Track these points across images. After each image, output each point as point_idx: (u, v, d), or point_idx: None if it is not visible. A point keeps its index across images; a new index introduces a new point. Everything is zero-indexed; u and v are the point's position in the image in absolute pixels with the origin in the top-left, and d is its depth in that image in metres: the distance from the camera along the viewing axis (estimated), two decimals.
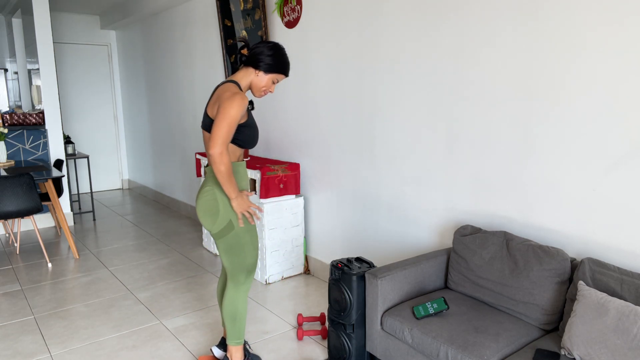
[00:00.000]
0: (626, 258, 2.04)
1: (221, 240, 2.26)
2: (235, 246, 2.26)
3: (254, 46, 2.23)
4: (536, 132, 2.29)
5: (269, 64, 2.20)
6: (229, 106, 2.05)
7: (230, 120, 2.05)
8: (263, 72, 2.22)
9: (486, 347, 1.91)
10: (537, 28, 2.23)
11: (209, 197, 2.22)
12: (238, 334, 2.38)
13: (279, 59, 2.21)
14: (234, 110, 2.05)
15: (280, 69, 2.23)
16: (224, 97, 2.09)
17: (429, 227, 2.89)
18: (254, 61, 2.20)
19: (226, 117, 2.04)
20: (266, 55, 2.19)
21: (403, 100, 2.93)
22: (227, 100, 2.06)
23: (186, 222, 5.59)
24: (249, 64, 2.22)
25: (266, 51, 2.19)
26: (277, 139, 4.09)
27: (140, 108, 6.88)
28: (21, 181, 3.93)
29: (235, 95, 2.08)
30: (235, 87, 2.16)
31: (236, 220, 2.22)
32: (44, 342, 2.84)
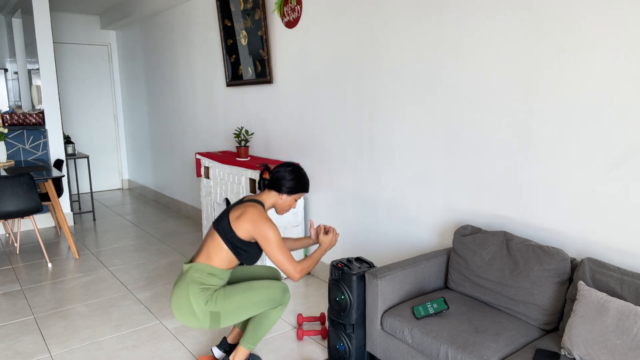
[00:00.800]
0: (626, 258, 2.04)
1: (225, 320, 2.26)
2: (240, 308, 2.26)
3: (274, 170, 2.38)
4: (536, 132, 2.29)
5: (291, 187, 2.36)
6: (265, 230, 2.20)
7: (275, 242, 2.21)
8: (286, 195, 2.37)
9: (486, 347, 1.91)
10: (537, 28, 2.23)
11: (182, 298, 2.23)
12: (255, 340, 2.39)
13: (300, 180, 2.38)
14: (271, 231, 2.21)
15: (302, 189, 2.40)
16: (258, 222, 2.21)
17: (429, 227, 2.89)
18: (277, 186, 2.36)
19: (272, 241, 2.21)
20: (288, 180, 2.35)
21: (403, 100, 2.93)
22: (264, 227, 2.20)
23: (186, 222, 5.59)
24: (272, 188, 2.37)
25: (287, 176, 2.35)
26: (277, 139, 4.09)
27: (140, 108, 6.88)
28: (21, 181, 3.93)
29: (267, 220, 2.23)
30: (261, 209, 2.28)
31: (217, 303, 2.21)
32: (44, 342, 2.84)
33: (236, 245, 2.24)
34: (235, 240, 2.23)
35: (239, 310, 2.25)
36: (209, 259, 2.26)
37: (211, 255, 2.25)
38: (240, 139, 4.10)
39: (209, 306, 2.20)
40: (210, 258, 2.25)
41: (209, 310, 2.20)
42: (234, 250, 2.25)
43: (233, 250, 2.25)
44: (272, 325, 2.37)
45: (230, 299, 2.23)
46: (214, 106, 5.01)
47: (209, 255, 2.26)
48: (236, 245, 2.24)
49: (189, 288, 2.21)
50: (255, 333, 2.37)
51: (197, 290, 2.21)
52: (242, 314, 2.26)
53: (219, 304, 2.21)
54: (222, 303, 2.22)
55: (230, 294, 2.25)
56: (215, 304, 2.21)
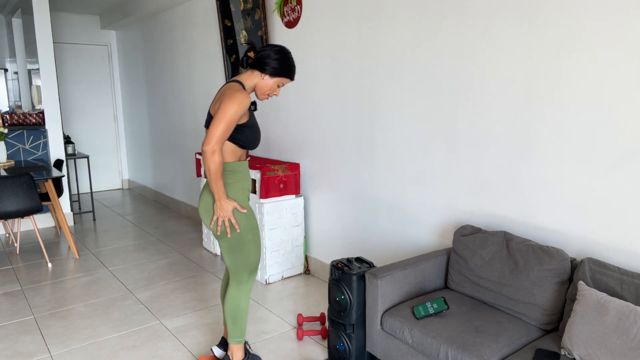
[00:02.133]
0: (626, 258, 2.04)
1: (223, 240, 2.26)
2: (237, 245, 2.26)
3: (260, 49, 2.22)
4: (536, 132, 2.29)
5: (275, 68, 2.19)
6: (229, 103, 2.04)
7: (228, 118, 2.04)
8: (269, 76, 2.21)
9: (486, 347, 1.91)
10: (537, 28, 2.23)
11: (210, 197, 2.23)
12: (239, 332, 2.38)
13: (285, 62, 2.20)
14: (234, 109, 2.04)
15: (286, 72, 2.22)
16: (226, 95, 2.08)
17: (429, 227, 2.89)
18: (260, 64, 2.19)
19: (225, 115, 2.04)
20: (273, 59, 2.18)
21: (403, 100, 2.93)
22: (228, 98, 2.06)
23: (186, 222, 5.59)
24: (255, 67, 2.21)
25: (273, 55, 2.18)
26: (277, 139, 4.09)
27: (140, 108, 6.88)
28: (21, 181, 3.93)
29: (237, 92, 2.08)
30: (238, 86, 2.15)
31: (239, 218, 2.22)
32: (44, 342, 2.84)
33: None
34: None
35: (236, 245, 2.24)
36: None
37: None
38: None
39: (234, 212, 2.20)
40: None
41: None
42: (230, 139, 2.18)
43: (229, 139, 2.17)
44: (245, 312, 2.36)
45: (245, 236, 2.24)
46: None
47: None
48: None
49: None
50: (234, 327, 2.37)
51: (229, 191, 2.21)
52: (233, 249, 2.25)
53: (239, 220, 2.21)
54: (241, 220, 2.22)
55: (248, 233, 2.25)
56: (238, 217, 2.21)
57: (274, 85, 2.23)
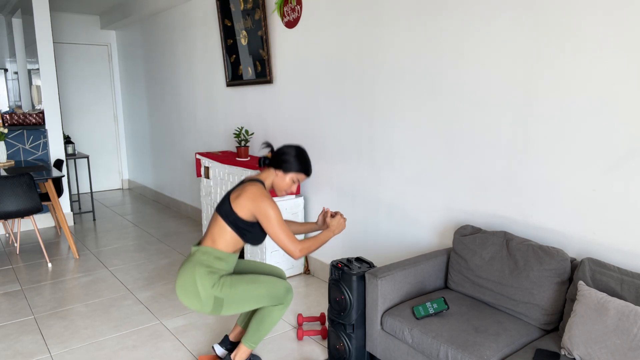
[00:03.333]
0: (626, 258, 2.04)
1: (227, 308, 2.25)
2: (244, 299, 2.26)
3: (278, 149, 2.35)
4: (536, 132, 2.29)
5: (292, 165, 2.31)
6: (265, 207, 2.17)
7: (276, 220, 2.17)
8: (282, 172, 2.32)
9: (486, 347, 1.91)
10: (537, 28, 2.23)
11: (187, 279, 2.22)
12: (257, 338, 2.39)
13: (301, 159, 2.33)
14: (271, 208, 2.17)
15: (303, 169, 2.33)
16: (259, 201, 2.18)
17: (429, 227, 2.89)
18: (277, 163, 2.32)
19: (272, 219, 2.17)
20: (290, 157, 2.31)
21: (403, 100, 2.93)
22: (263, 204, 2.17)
23: (186, 222, 5.59)
24: (272, 165, 2.34)
25: (290, 152, 2.32)
26: (277, 139, 4.09)
27: (140, 108, 6.88)
28: (21, 181, 3.93)
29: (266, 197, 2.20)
30: (262, 187, 2.26)
31: (223, 289, 2.21)
32: (44, 342, 2.84)
33: (239, 225, 2.23)
34: (237, 221, 2.22)
35: (242, 300, 2.24)
36: (214, 242, 2.25)
37: (216, 239, 2.25)
38: (240, 139, 4.09)
39: (215, 291, 2.20)
40: (216, 242, 2.25)
41: (214, 294, 2.20)
42: (237, 232, 2.23)
43: (237, 231, 2.23)
44: (274, 324, 2.37)
45: (236, 288, 2.23)
46: (214, 106, 5.01)
47: (214, 239, 2.26)
48: (239, 226, 2.23)
49: (195, 270, 2.21)
50: (257, 331, 2.37)
51: (204, 273, 2.21)
52: (244, 304, 2.26)
53: (224, 291, 2.21)
54: (227, 290, 2.22)
55: (236, 283, 2.24)
56: (221, 290, 2.21)
57: (290, 181, 2.34)
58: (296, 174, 2.32)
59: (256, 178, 2.32)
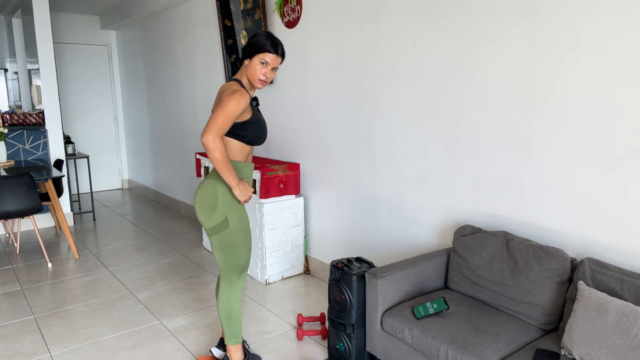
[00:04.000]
0: (626, 258, 2.04)
1: (215, 237, 2.26)
2: (229, 244, 2.26)
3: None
4: (536, 132, 2.29)
5: (248, 47, 2.18)
6: (228, 99, 2.08)
7: (227, 112, 2.06)
8: (248, 59, 2.19)
9: (486, 347, 1.91)
10: (537, 28, 2.23)
11: (209, 190, 2.22)
12: (235, 332, 2.39)
13: (253, 39, 2.18)
14: (233, 104, 2.07)
15: (257, 48, 2.15)
16: (225, 94, 2.12)
17: (429, 227, 2.89)
18: (244, 51, 2.21)
19: (223, 109, 2.06)
20: (251, 40, 2.19)
21: (403, 100, 2.93)
22: (227, 96, 2.09)
23: (186, 222, 5.59)
24: (242, 57, 2.25)
25: (252, 36, 2.21)
26: (277, 139, 4.09)
27: (140, 108, 6.88)
28: (21, 181, 3.93)
29: (235, 91, 2.11)
30: (236, 85, 2.18)
31: (232, 217, 2.23)
32: (44, 342, 2.84)
33: (232, 132, 2.19)
34: (230, 128, 2.18)
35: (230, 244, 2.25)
36: None
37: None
38: None
39: (230, 211, 2.21)
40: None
41: (227, 215, 2.21)
42: (235, 137, 2.20)
43: (234, 137, 2.20)
44: (239, 311, 2.37)
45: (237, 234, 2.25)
46: None
47: None
48: (233, 133, 2.19)
49: (217, 184, 2.21)
50: (230, 326, 2.37)
51: (226, 189, 2.21)
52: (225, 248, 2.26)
53: (232, 222, 2.23)
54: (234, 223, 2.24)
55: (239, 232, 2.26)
56: (232, 218, 2.22)
57: (257, 66, 2.16)
58: (259, 55, 2.15)
59: (232, 78, 2.26)
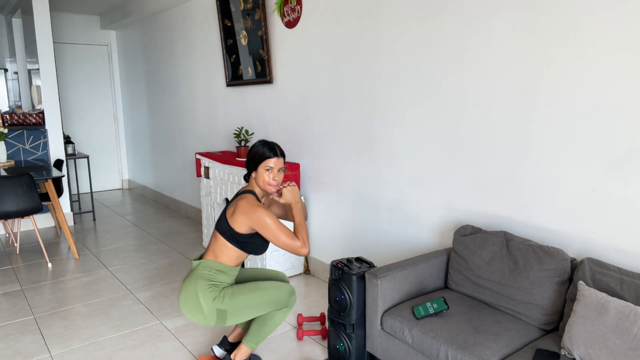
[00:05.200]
0: (626, 258, 2.04)
1: (231, 319, 2.26)
2: (247, 308, 2.27)
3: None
4: (536, 132, 2.29)
5: (249, 162, 2.31)
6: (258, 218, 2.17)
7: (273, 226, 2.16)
8: (254, 172, 2.31)
9: (486, 347, 1.91)
10: (537, 28, 2.23)
11: (190, 293, 2.23)
12: (258, 339, 2.40)
13: (251, 152, 2.31)
14: (266, 217, 2.17)
15: (258, 158, 2.28)
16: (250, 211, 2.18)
17: (429, 227, 2.89)
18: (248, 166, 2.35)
19: (269, 227, 2.16)
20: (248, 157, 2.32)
21: (403, 100, 2.93)
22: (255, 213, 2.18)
23: (186, 222, 5.59)
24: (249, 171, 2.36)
25: (251, 149, 2.33)
26: (277, 138, 4.09)
27: (140, 108, 6.88)
28: (21, 181, 3.92)
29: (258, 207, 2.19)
30: (254, 199, 2.25)
31: (223, 302, 2.22)
32: (44, 342, 2.84)
33: (239, 240, 2.25)
34: (237, 236, 2.24)
35: (245, 309, 2.25)
36: (216, 256, 2.28)
37: (218, 254, 2.28)
38: (240, 139, 4.09)
39: (217, 303, 2.21)
40: (218, 256, 2.28)
41: (216, 307, 2.21)
42: (238, 246, 2.26)
43: (238, 245, 2.26)
44: (276, 326, 2.38)
45: (238, 298, 2.24)
46: (214, 106, 5.01)
47: (216, 254, 2.28)
48: (239, 241, 2.25)
49: (197, 284, 2.22)
50: (258, 333, 2.38)
51: (205, 287, 2.22)
52: (248, 313, 2.27)
53: (226, 302, 2.22)
54: (229, 301, 2.23)
55: (237, 293, 2.25)
56: (223, 301, 2.22)
57: (264, 175, 2.28)
58: (262, 164, 2.28)
59: (246, 190, 2.34)
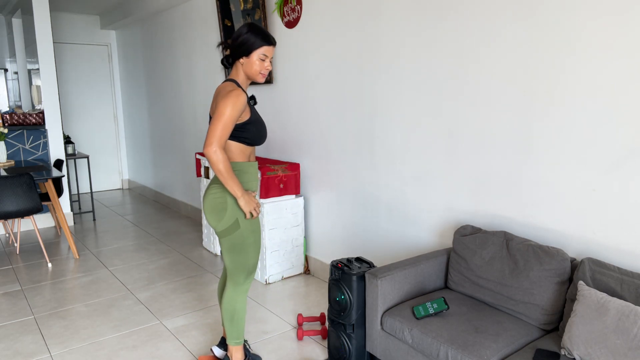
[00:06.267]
0: (626, 258, 2.04)
1: (225, 239, 2.26)
2: (239, 246, 2.26)
3: (230, 39, 2.21)
4: (536, 132, 2.29)
5: (245, 44, 2.13)
6: (223, 105, 2.04)
7: (225, 119, 2.03)
8: (245, 57, 2.16)
9: (486, 347, 1.91)
10: (537, 28, 2.23)
11: (217, 195, 2.21)
12: (237, 333, 2.38)
13: (244, 37, 2.14)
14: (229, 109, 2.04)
15: (251, 44, 2.13)
16: (220, 96, 2.10)
17: (429, 227, 2.89)
18: (235, 53, 2.18)
19: (221, 116, 2.03)
20: (239, 40, 2.15)
21: (403, 100, 2.93)
22: (222, 99, 2.06)
23: (186, 222, 5.59)
24: (235, 57, 2.20)
25: (238, 36, 2.15)
26: (277, 139, 4.09)
27: (140, 108, 6.88)
28: (21, 181, 3.92)
29: (230, 92, 2.07)
30: (231, 85, 2.14)
31: (242, 219, 2.22)
32: (44, 342, 2.84)
33: (233, 134, 2.17)
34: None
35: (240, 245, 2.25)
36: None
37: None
38: None
39: (240, 214, 2.20)
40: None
41: (237, 217, 2.20)
42: (236, 139, 2.18)
43: (235, 139, 2.18)
44: (243, 313, 2.37)
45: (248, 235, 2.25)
46: None
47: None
48: (234, 135, 2.17)
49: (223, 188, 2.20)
50: (232, 327, 2.37)
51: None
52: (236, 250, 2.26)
53: (244, 224, 2.22)
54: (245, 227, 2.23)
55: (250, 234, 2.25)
56: (243, 221, 2.22)
57: (257, 61, 2.15)
58: (257, 51, 2.14)
59: (228, 78, 2.22)
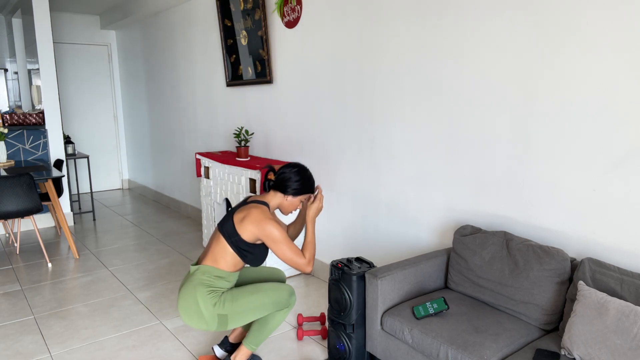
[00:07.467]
0: (626, 258, 2.04)
1: (233, 323, 2.26)
2: (248, 311, 2.26)
3: (279, 172, 2.35)
4: (536, 132, 2.29)
5: (297, 189, 2.34)
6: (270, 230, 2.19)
7: (282, 240, 2.20)
8: (292, 196, 2.35)
9: (486, 347, 1.91)
10: (536, 27, 2.23)
11: (190, 301, 2.22)
12: (259, 340, 2.40)
13: (305, 182, 2.36)
14: (278, 232, 2.20)
15: (307, 190, 2.38)
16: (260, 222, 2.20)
17: (429, 227, 2.89)
18: (282, 187, 2.33)
19: (278, 240, 2.20)
20: (294, 181, 2.33)
21: (403, 100, 2.94)
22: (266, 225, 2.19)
23: (186, 222, 5.59)
24: (277, 189, 2.35)
25: (293, 177, 2.33)
26: (277, 139, 4.09)
27: (140, 108, 6.88)
28: (21, 181, 3.92)
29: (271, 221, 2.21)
30: (266, 209, 2.27)
31: (224, 307, 2.21)
32: (44, 342, 2.84)
33: (241, 247, 2.24)
34: (240, 243, 2.23)
35: (246, 312, 2.25)
36: (215, 261, 2.26)
37: (217, 258, 2.25)
38: (240, 139, 4.09)
39: (217, 309, 2.20)
40: (216, 261, 2.25)
41: (217, 313, 2.20)
42: (239, 253, 2.25)
43: (238, 252, 2.25)
44: (276, 327, 2.38)
45: (238, 302, 2.24)
46: (214, 106, 5.01)
47: (215, 258, 2.26)
48: (241, 248, 2.24)
49: (196, 291, 2.21)
50: (259, 334, 2.37)
51: (205, 293, 2.21)
52: (249, 316, 2.26)
53: (226, 307, 2.21)
54: (229, 306, 2.22)
55: (237, 297, 2.25)
56: (223, 306, 2.21)
57: (297, 202, 2.38)
58: (304, 195, 2.38)
59: (261, 200, 2.33)
